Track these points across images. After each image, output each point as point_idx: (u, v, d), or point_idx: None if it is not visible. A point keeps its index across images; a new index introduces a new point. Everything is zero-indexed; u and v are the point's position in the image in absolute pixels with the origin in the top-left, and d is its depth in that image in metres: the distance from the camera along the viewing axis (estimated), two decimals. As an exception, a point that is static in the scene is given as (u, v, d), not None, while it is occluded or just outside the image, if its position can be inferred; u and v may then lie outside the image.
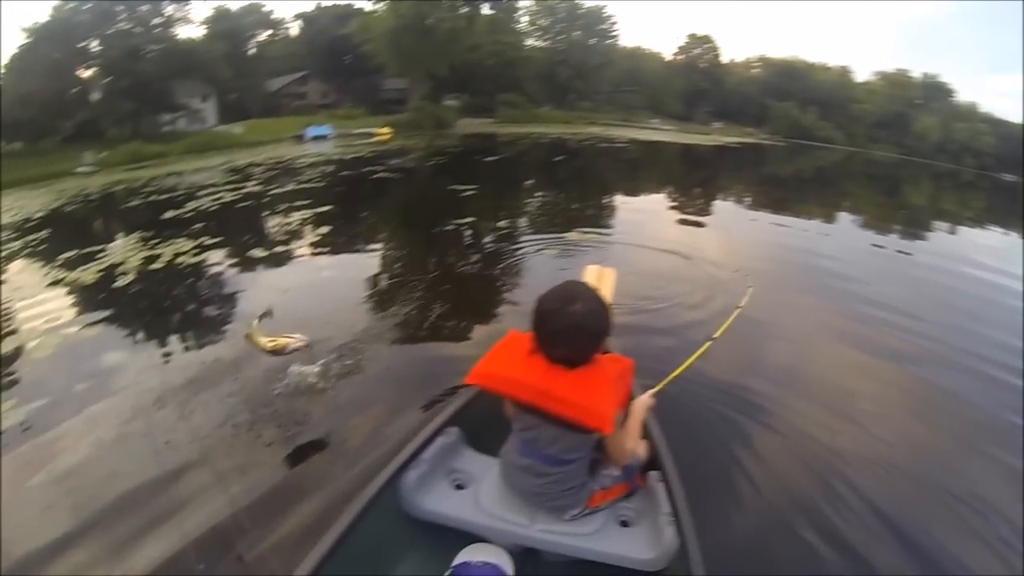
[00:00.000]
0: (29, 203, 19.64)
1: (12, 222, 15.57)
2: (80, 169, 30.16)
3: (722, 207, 15.20)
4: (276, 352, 3.95)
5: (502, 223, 10.92)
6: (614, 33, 67.75)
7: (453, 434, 2.62)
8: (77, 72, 41.08)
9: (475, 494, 2.35)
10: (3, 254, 10.90)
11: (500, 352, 2.20)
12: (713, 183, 21.80)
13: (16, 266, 10.06)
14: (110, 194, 19.79)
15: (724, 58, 78.74)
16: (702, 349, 3.22)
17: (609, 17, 66.16)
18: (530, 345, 2.07)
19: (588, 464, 2.26)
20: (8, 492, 3.42)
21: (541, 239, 9.00)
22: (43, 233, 13.36)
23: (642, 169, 25.23)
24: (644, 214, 12.41)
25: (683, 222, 11.67)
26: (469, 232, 9.97)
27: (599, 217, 11.96)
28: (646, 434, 2.55)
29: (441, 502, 2.33)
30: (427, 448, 2.48)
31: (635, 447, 2.37)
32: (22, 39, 38.98)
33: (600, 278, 3.72)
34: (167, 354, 5.33)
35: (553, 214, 12.17)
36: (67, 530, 3.09)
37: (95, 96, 41.55)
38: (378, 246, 9.56)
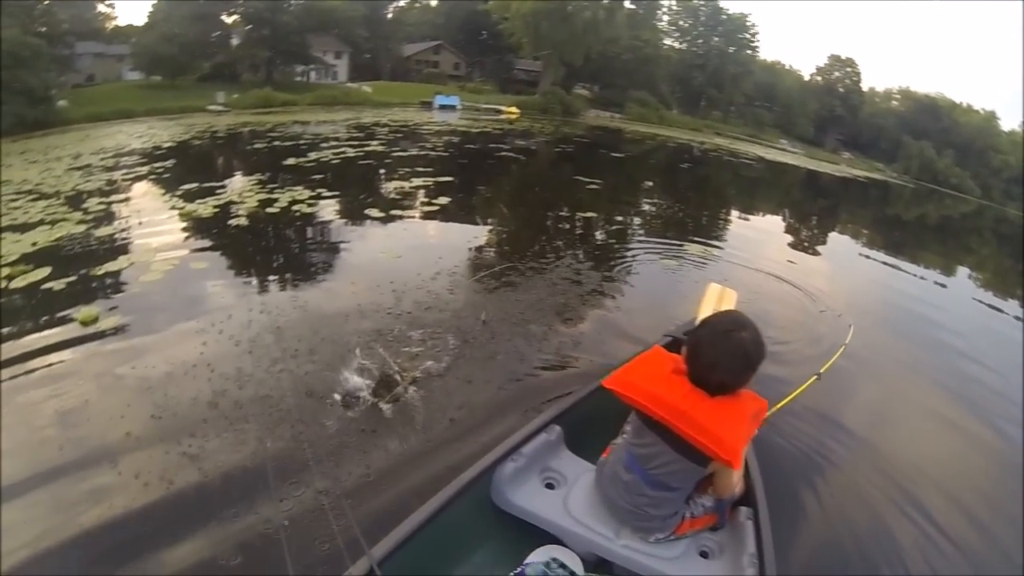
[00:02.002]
0: (160, 132, 20.36)
1: (142, 148, 16.04)
2: (211, 107, 31.50)
3: (838, 239, 14.43)
4: None
5: (618, 219, 10.30)
6: (755, 44, 63.44)
7: (554, 432, 2.60)
8: (220, 17, 42.91)
9: (564, 496, 2.34)
10: (125, 178, 11.06)
11: (643, 364, 2.15)
12: (833, 215, 20.61)
13: (140, 189, 10.11)
14: (236, 134, 20.19)
15: (864, 85, 73.67)
16: (807, 383, 3.19)
17: (751, 27, 62.57)
18: (675, 365, 2.04)
19: (688, 495, 2.21)
20: (94, 383, 3.71)
21: (656, 244, 8.41)
22: (169, 162, 13.50)
23: (764, 188, 24.01)
24: (760, 234, 11.91)
25: (797, 247, 11.25)
26: (583, 224, 9.37)
27: (716, 231, 11.36)
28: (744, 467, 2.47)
29: (530, 499, 2.33)
30: (528, 443, 2.48)
31: (739, 482, 2.29)
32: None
33: (721, 298, 3.77)
34: (267, 292, 5.42)
35: (671, 221, 11.56)
36: (141, 430, 3.23)
37: (234, 41, 43.49)
38: (493, 222, 9.06)
